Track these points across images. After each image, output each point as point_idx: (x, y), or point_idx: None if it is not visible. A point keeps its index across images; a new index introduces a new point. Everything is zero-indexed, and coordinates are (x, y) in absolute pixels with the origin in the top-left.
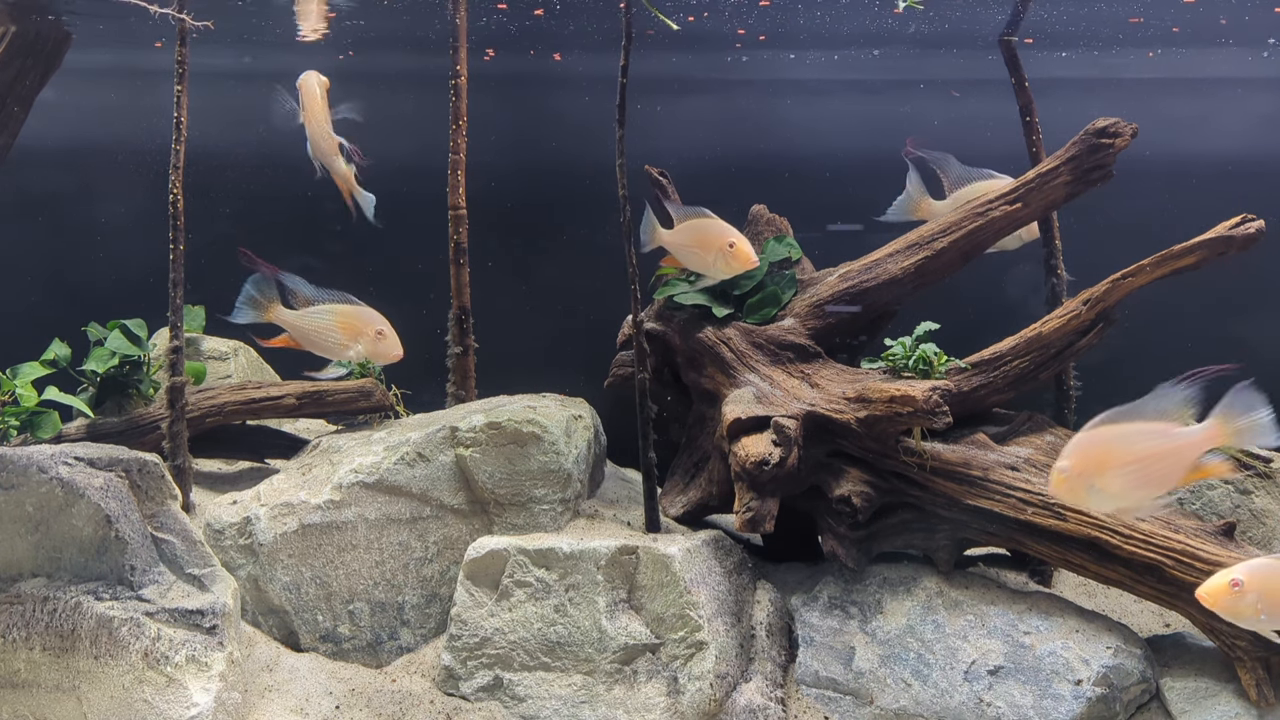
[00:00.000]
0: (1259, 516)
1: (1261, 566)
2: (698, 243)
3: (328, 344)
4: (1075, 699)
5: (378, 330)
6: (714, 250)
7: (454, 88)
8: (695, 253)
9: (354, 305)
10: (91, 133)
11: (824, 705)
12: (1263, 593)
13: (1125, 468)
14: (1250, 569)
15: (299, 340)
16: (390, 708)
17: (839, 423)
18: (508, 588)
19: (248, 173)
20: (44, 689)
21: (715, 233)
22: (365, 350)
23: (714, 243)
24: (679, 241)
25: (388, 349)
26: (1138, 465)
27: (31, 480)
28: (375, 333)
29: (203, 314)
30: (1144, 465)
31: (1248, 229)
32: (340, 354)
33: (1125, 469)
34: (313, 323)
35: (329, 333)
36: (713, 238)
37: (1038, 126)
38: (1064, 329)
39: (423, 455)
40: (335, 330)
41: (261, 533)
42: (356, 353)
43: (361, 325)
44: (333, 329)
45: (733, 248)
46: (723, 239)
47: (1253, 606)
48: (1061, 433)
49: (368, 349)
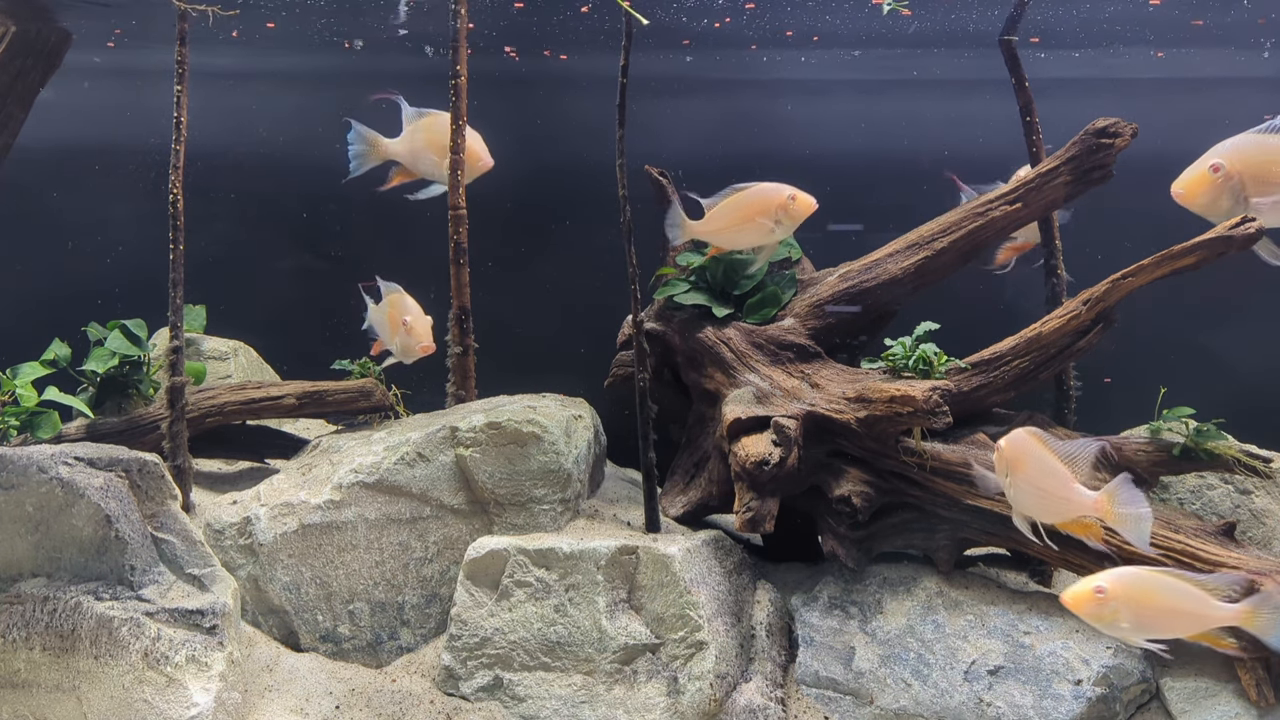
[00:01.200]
0: (1259, 516)
1: (1127, 574)
2: (749, 213)
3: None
4: (1075, 699)
5: (404, 319)
6: (773, 211)
7: (454, 88)
8: (749, 225)
9: (397, 293)
10: (92, 133)
11: (824, 705)
12: (1126, 601)
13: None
14: (1116, 576)
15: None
16: (390, 708)
17: (839, 423)
18: (508, 588)
19: (248, 172)
20: (44, 689)
21: (766, 194)
22: (399, 343)
23: (771, 203)
24: (720, 225)
25: (415, 341)
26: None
27: (31, 480)
28: (402, 322)
29: (203, 314)
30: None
31: (1247, 229)
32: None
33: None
34: (383, 316)
35: (391, 327)
36: (767, 199)
37: (1038, 126)
38: (1064, 329)
39: (423, 455)
40: (385, 320)
41: (261, 533)
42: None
43: (396, 313)
44: (384, 320)
45: (794, 200)
46: (779, 196)
47: (1115, 613)
48: (1061, 433)
49: (400, 340)
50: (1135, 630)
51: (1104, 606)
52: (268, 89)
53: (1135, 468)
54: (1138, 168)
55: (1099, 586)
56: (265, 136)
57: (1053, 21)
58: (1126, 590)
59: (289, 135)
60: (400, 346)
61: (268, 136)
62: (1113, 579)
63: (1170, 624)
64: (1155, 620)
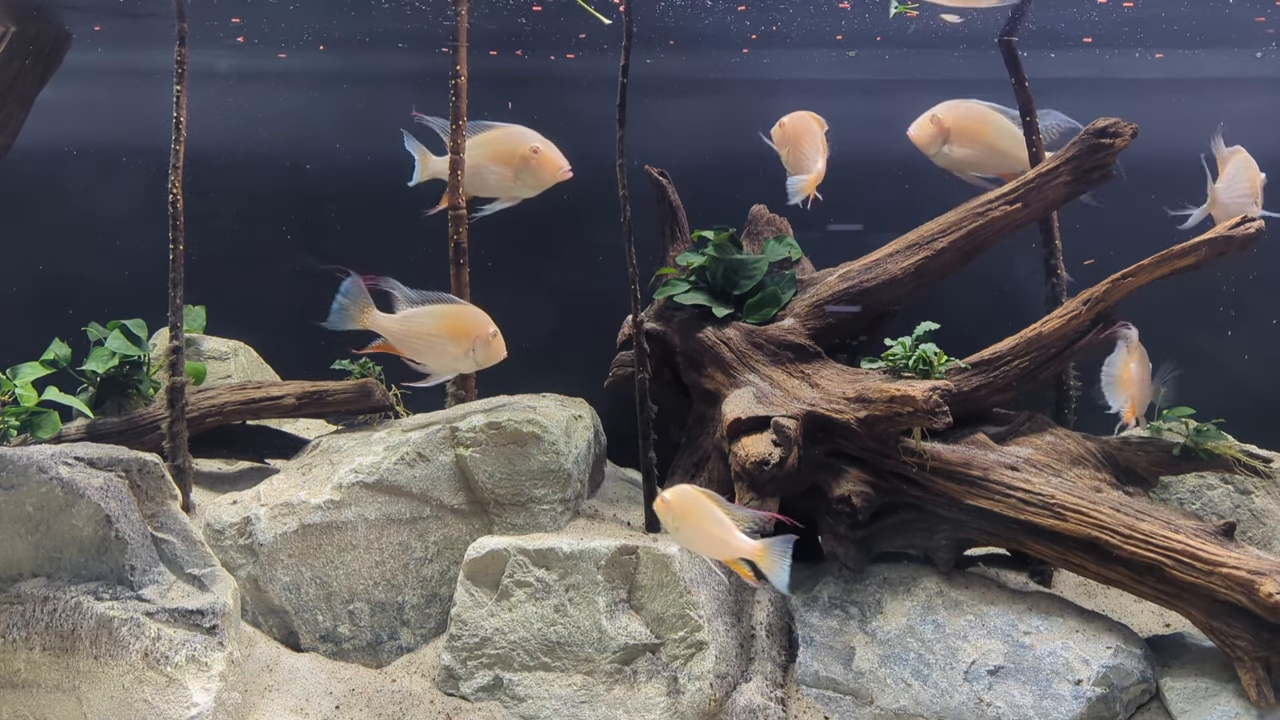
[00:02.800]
0: (1259, 516)
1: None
2: (488, 157)
3: (433, 352)
4: (1075, 699)
5: (491, 331)
6: (516, 161)
7: (454, 88)
8: (486, 171)
9: (458, 304)
10: (92, 133)
11: (824, 705)
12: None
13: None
14: (671, 493)
15: (401, 348)
16: (390, 708)
17: (839, 423)
18: (508, 588)
19: (248, 173)
20: (44, 689)
21: (512, 140)
22: (478, 355)
23: (514, 153)
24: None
25: (499, 349)
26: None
27: (31, 480)
28: (489, 334)
29: (203, 314)
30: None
31: (1248, 229)
32: (449, 363)
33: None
34: (416, 327)
35: (435, 339)
36: (511, 147)
37: (1038, 126)
38: (1064, 329)
39: (423, 455)
40: (443, 336)
41: (261, 533)
42: (469, 359)
43: (471, 327)
44: (440, 335)
45: (537, 154)
46: (523, 145)
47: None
48: (1061, 433)
49: (480, 353)
50: (683, 544)
51: (664, 514)
52: (268, 89)
53: (1135, 468)
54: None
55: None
56: (265, 136)
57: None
58: (678, 506)
59: (289, 135)
60: (481, 361)
61: (268, 136)
62: (668, 496)
63: (705, 545)
64: (694, 539)
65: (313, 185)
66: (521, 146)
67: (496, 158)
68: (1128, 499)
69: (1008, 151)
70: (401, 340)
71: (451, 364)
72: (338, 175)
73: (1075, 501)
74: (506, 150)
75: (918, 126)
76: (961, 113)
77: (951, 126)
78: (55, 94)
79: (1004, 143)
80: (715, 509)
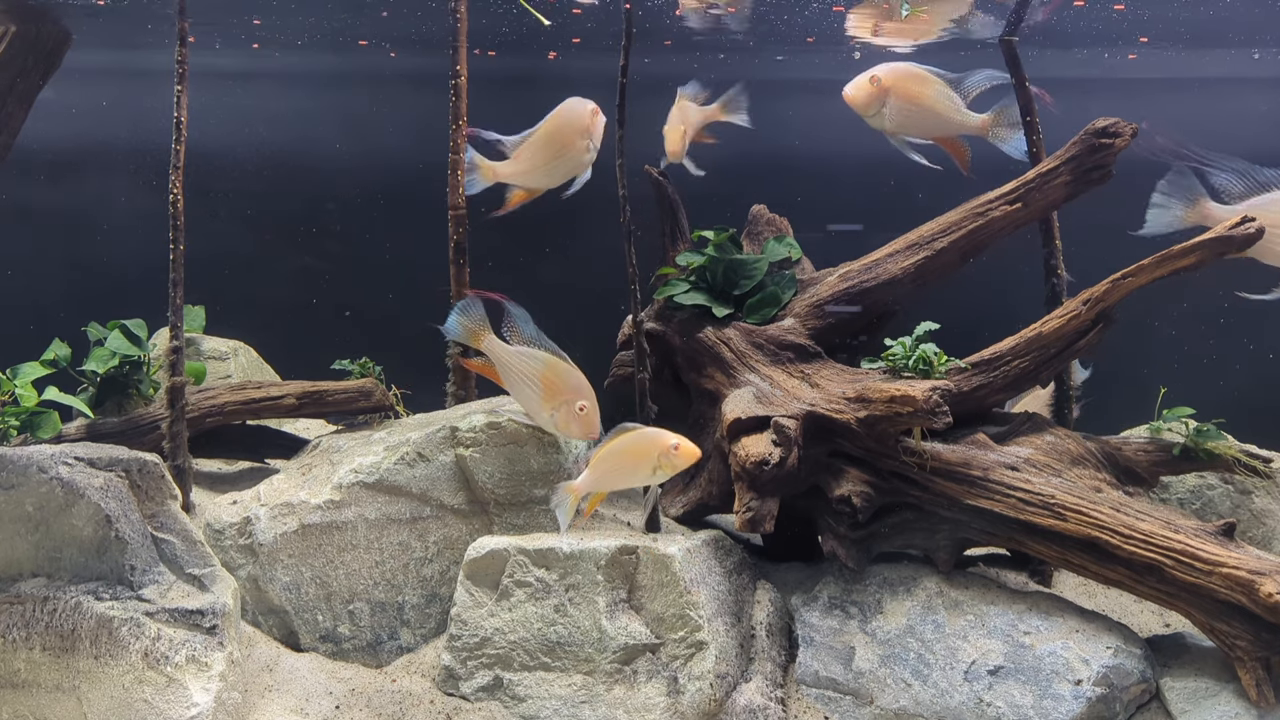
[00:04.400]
0: (1259, 516)
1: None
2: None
3: (525, 394)
4: (1075, 699)
5: (581, 404)
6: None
7: (454, 88)
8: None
9: (566, 364)
10: (91, 133)
11: (824, 705)
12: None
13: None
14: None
15: (500, 376)
16: (390, 708)
17: (839, 423)
18: (508, 588)
19: (248, 173)
20: (44, 689)
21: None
22: (559, 418)
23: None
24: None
25: (584, 427)
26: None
27: (31, 480)
28: (579, 406)
29: (203, 314)
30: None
31: (1248, 229)
32: (532, 409)
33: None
34: (520, 365)
35: (531, 383)
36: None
37: (1038, 126)
38: (1064, 329)
39: (423, 455)
40: (538, 384)
41: (261, 533)
42: (549, 418)
43: (565, 390)
44: (536, 382)
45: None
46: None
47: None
48: (1061, 433)
49: (562, 417)
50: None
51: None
52: (268, 89)
53: (1135, 468)
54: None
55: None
56: (265, 136)
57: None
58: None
59: (289, 135)
60: (561, 426)
61: (268, 136)
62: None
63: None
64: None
65: (313, 185)
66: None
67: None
68: (1128, 499)
69: (946, 115)
70: (504, 371)
71: (536, 414)
72: (338, 175)
73: (1075, 501)
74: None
75: (855, 87)
76: (901, 73)
77: (891, 86)
78: (55, 94)
79: (942, 105)
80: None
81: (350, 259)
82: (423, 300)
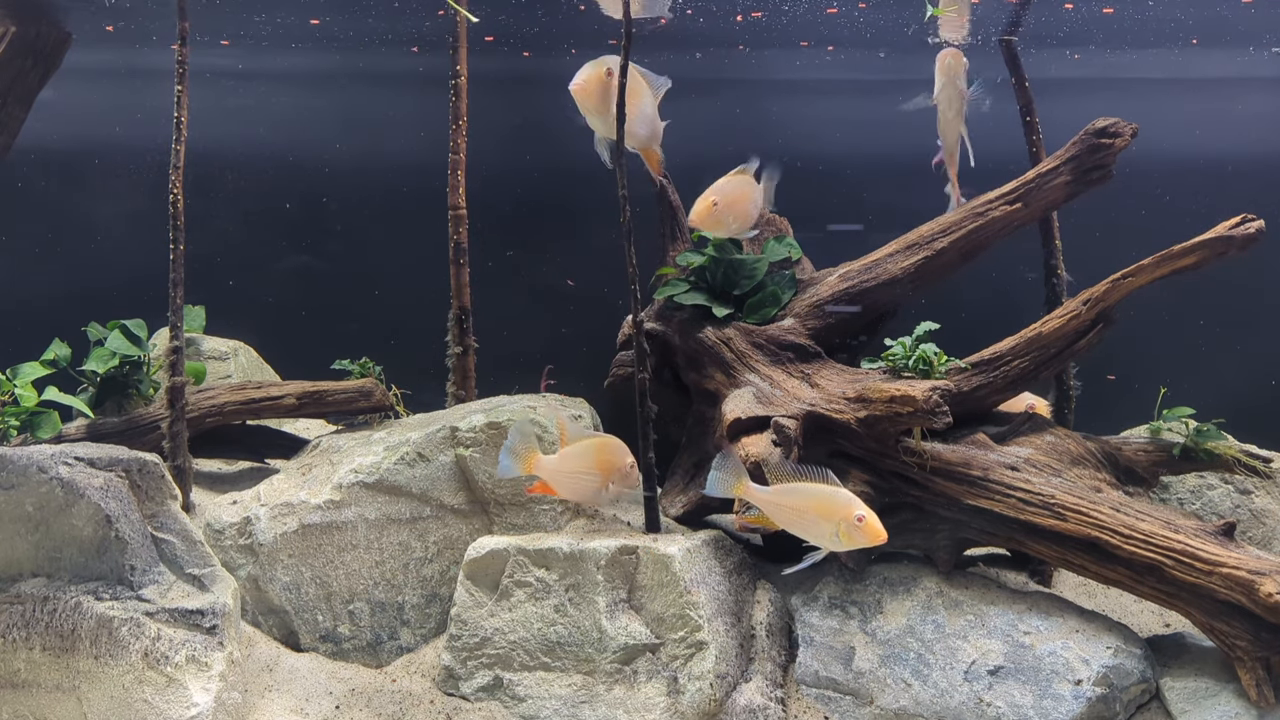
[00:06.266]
0: (1259, 516)
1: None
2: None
3: (583, 487)
4: (1075, 699)
5: (630, 462)
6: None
7: (454, 88)
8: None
9: (603, 438)
10: (92, 133)
11: (824, 705)
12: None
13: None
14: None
15: (557, 488)
16: (390, 708)
17: (839, 423)
18: (508, 588)
19: (249, 173)
20: (44, 689)
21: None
22: (616, 485)
23: (835, 514)
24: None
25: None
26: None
27: (31, 480)
28: (628, 464)
29: (203, 314)
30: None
31: (1248, 229)
32: (595, 498)
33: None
34: (570, 467)
35: (585, 476)
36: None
37: (1038, 126)
38: (1064, 329)
39: (423, 455)
40: (593, 471)
41: (261, 533)
42: (611, 491)
43: (614, 458)
44: (591, 471)
45: (862, 520)
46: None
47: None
48: (1061, 433)
49: (618, 482)
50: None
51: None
52: (268, 89)
53: (1135, 468)
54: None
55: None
56: (265, 136)
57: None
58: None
59: (290, 135)
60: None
61: (268, 136)
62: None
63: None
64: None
65: (313, 185)
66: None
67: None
68: (1128, 499)
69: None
70: (557, 482)
71: (596, 498)
72: (338, 175)
73: (1075, 501)
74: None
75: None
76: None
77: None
78: (55, 94)
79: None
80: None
81: (350, 259)
82: (423, 300)
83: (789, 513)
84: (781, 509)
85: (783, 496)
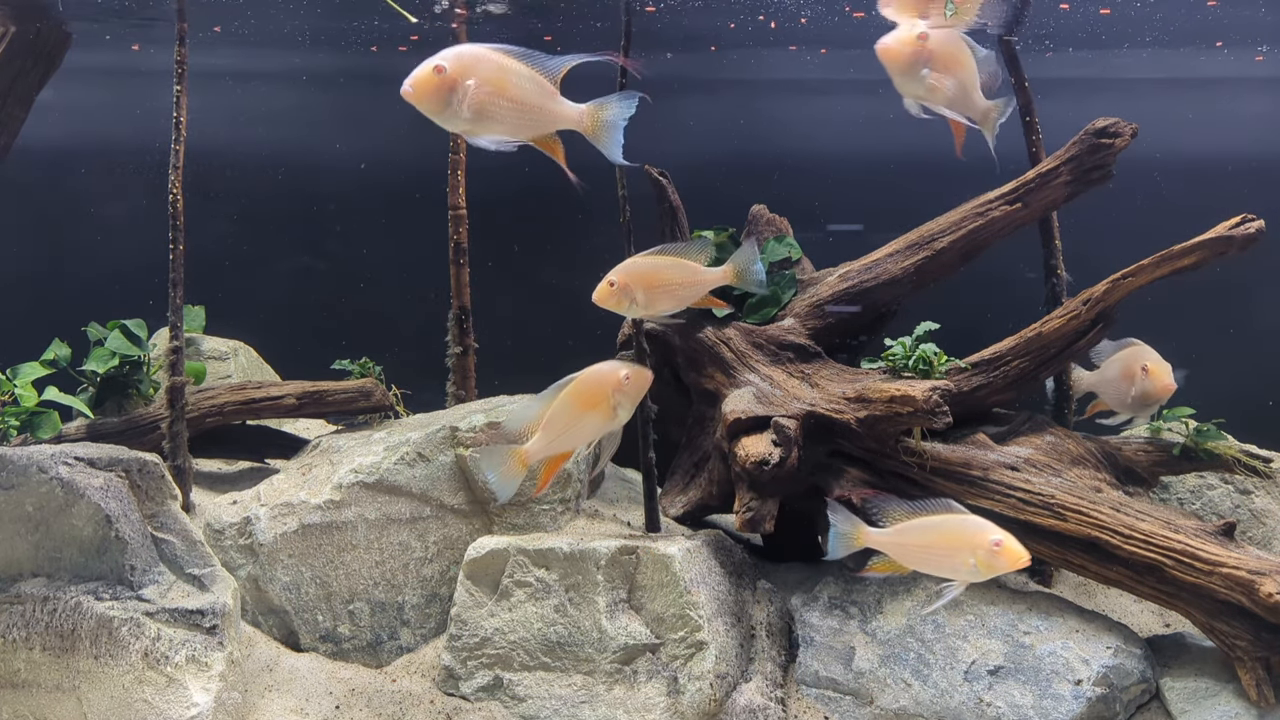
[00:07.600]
0: (1259, 516)
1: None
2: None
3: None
4: (1075, 699)
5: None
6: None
7: None
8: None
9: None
10: (92, 133)
11: (824, 705)
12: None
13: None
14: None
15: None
16: (390, 708)
17: (839, 423)
18: (508, 588)
19: (249, 173)
20: (44, 689)
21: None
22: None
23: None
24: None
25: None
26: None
27: (31, 480)
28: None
29: (203, 314)
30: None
31: (1248, 229)
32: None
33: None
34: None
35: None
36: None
37: (1038, 126)
38: (1064, 329)
39: (423, 455)
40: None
41: (261, 533)
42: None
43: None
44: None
45: (999, 546)
46: (980, 538)
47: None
48: (1061, 433)
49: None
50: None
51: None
52: (268, 89)
53: (1135, 468)
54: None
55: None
56: (265, 136)
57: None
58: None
59: (290, 135)
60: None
61: (268, 136)
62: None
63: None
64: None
65: (313, 185)
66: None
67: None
68: (1128, 499)
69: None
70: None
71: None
72: (338, 175)
73: (1075, 501)
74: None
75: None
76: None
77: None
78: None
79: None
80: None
81: (350, 259)
82: (422, 301)
83: (917, 552)
84: (908, 549)
85: (907, 536)
